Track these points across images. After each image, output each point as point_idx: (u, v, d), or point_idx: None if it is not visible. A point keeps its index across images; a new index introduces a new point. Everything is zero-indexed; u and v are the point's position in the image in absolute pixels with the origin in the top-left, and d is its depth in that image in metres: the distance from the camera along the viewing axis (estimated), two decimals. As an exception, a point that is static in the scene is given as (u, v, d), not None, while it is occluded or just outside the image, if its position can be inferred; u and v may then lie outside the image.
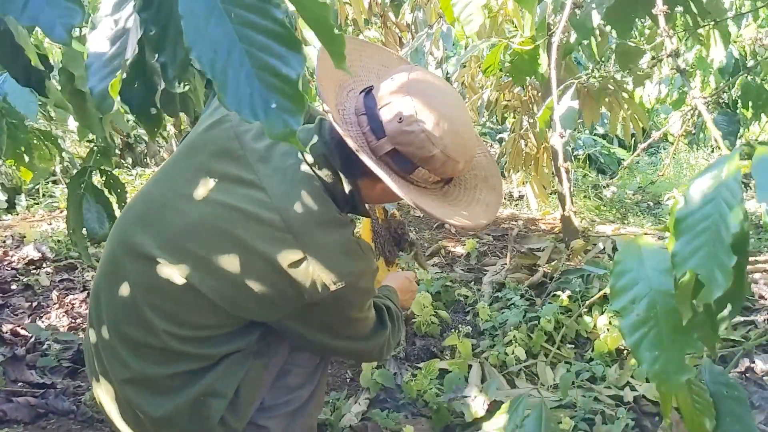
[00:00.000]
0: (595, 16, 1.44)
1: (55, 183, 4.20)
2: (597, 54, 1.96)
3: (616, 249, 2.62)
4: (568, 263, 2.52)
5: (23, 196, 3.88)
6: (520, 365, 1.87)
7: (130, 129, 3.75)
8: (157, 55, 0.68)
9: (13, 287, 2.46)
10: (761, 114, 2.32)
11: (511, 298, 2.24)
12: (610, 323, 1.92)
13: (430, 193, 1.08)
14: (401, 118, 0.99)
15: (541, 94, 2.66)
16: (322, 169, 1.04)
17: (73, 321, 2.21)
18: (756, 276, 2.35)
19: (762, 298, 2.24)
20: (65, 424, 1.60)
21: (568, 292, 2.11)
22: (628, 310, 0.60)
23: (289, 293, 1.00)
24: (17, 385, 1.74)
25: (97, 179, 1.68)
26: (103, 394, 1.11)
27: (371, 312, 1.17)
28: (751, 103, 2.25)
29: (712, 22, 1.69)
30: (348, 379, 1.88)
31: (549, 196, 3.10)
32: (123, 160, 4.92)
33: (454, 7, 1.49)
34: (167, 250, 1.00)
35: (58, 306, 2.30)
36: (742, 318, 2.06)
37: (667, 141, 5.51)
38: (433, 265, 2.79)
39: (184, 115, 1.53)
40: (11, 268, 2.64)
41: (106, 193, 1.68)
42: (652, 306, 0.59)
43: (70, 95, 1.37)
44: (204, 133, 1.08)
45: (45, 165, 1.77)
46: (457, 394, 1.64)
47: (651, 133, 1.75)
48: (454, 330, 1.93)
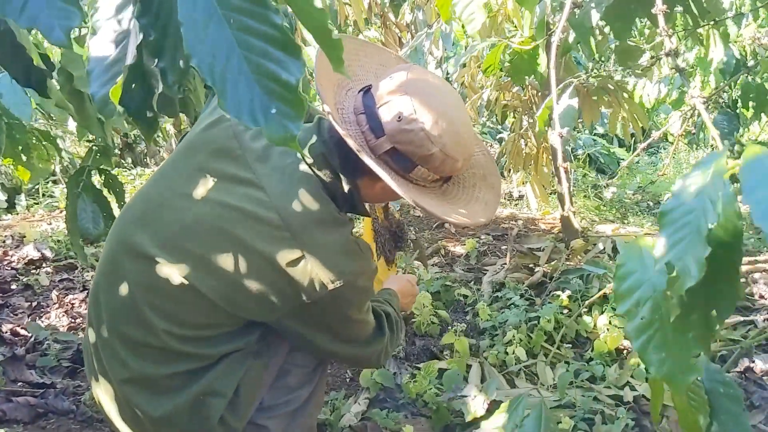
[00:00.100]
0: (594, 15, 1.44)
1: (55, 183, 4.20)
2: (596, 53, 1.96)
3: (615, 249, 2.62)
4: (568, 263, 2.52)
5: (23, 196, 3.88)
6: (519, 365, 1.87)
7: (129, 129, 3.76)
8: (156, 60, 0.67)
9: (13, 287, 2.46)
10: (761, 114, 2.32)
11: (510, 298, 2.24)
12: (610, 323, 1.92)
13: (429, 192, 1.08)
14: (400, 117, 0.99)
15: (540, 94, 2.66)
16: (321, 169, 1.04)
17: (73, 321, 2.21)
18: (756, 276, 2.35)
19: (762, 297, 2.23)
20: (65, 423, 1.60)
21: (568, 292, 2.11)
22: (633, 314, 0.59)
23: (287, 292, 1.00)
24: (17, 384, 1.74)
25: (96, 179, 1.68)
26: (103, 393, 1.11)
27: (370, 316, 1.17)
28: (751, 103, 2.25)
29: (712, 22, 1.69)
30: (347, 379, 1.88)
31: (549, 195, 3.10)
32: (123, 160, 4.92)
33: (455, 7, 1.50)
34: (166, 249, 1.01)
35: (57, 306, 2.30)
36: (741, 318, 2.06)
37: (667, 141, 5.51)
38: (432, 264, 2.79)
39: (184, 115, 1.53)
40: (11, 267, 2.64)
41: (105, 193, 1.68)
42: (657, 308, 0.58)
43: (69, 95, 1.37)
44: (203, 133, 1.08)
45: (43, 165, 1.77)
46: (456, 393, 1.64)
47: (651, 132, 1.75)
48: (451, 329, 1.93)
